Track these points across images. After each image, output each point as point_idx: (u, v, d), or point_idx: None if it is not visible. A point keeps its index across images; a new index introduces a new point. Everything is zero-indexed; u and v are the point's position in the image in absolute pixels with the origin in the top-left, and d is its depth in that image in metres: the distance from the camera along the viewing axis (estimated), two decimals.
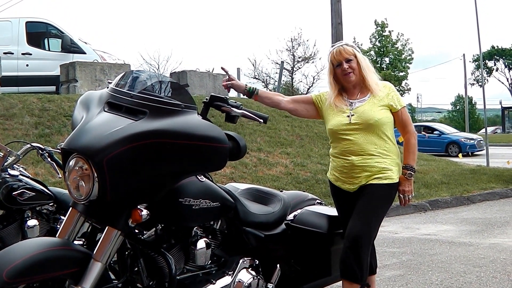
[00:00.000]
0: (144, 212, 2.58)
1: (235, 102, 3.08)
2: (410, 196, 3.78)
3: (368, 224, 3.57)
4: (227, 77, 3.80)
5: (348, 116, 3.70)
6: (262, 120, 3.10)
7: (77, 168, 2.48)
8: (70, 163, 2.52)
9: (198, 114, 2.75)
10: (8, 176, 4.25)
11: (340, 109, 3.75)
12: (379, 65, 50.16)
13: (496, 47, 66.44)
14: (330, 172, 3.91)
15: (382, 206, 3.69)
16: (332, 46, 3.88)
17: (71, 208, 2.67)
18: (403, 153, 3.80)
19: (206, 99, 3.10)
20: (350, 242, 3.52)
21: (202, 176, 2.99)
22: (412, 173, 3.76)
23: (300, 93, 39.38)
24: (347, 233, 3.57)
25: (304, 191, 4.43)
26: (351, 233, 3.54)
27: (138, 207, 2.58)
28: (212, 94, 3.15)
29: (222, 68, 3.85)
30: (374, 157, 3.65)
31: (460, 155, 20.32)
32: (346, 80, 3.77)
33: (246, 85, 3.86)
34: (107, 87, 2.81)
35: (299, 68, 40.21)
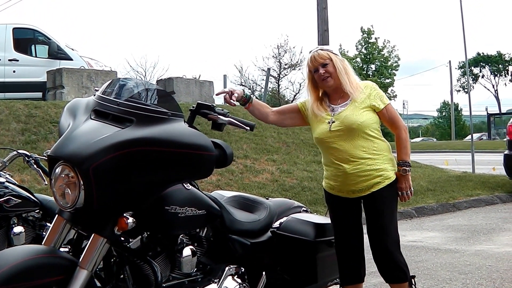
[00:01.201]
0: (130, 220, 2.58)
1: (222, 110, 3.08)
2: (408, 191, 3.74)
3: (388, 231, 3.70)
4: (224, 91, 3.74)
5: (329, 123, 3.68)
6: (248, 128, 3.10)
7: (63, 175, 2.49)
8: (56, 170, 2.52)
9: (184, 121, 2.76)
10: None
11: (321, 117, 3.74)
12: (365, 72, 50.41)
13: (481, 54, 66.98)
14: (324, 180, 3.89)
15: (392, 207, 3.76)
16: (309, 52, 3.84)
17: (57, 215, 2.66)
18: (396, 149, 3.79)
19: (193, 107, 3.11)
20: (380, 254, 3.71)
21: (188, 184, 3.00)
22: (407, 168, 3.71)
23: (286, 100, 39.45)
24: (374, 247, 3.72)
25: (290, 199, 4.44)
26: (378, 247, 3.70)
27: (124, 215, 2.58)
28: (199, 101, 3.16)
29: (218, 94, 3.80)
30: (364, 160, 3.63)
31: (446, 161, 20.35)
32: (324, 85, 3.75)
33: (243, 91, 3.83)
34: (94, 95, 2.82)
35: (286, 75, 40.24)
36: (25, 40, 15.30)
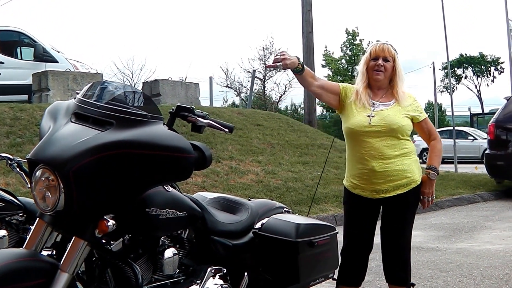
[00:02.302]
0: (111, 222, 2.59)
1: (201, 112, 3.08)
2: (430, 198, 3.78)
3: (404, 234, 3.77)
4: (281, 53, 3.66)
5: (368, 116, 3.67)
6: (227, 130, 3.09)
7: (44, 179, 2.50)
8: (37, 174, 2.53)
9: (164, 124, 2.79)
10: None
11: (363, 106, 3.72)
12: (350, 73, 50.35)
13: (464, 55, 67.20)
14: (346, 179, 3.89)
15: (413, 210, 3.81)
16: (377, 41, 3.91)
17: (38, 218, 2.67)
18: (428, 156, 3.85)
19: (173, 109, 3.11)
20: (390, 251, 3.76)
21: (169, 186, 3.02)
22: (436, 174, 3.75)
23: (272, 101, 39.50)
24: (386, 245, 3.78)
25: (272, 199, 4.47)
26: (389, 244, 3.76)
27: (105, 217, 2.59)
28: (179, 104, 3.15)
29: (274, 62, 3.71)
30: (394, 160, 3.65)
31: None
32: (373, 77, 3.76)
33: (299, 60, 3.71)
34: (75, 98, 2.84)
35: (271, 76, 40.33)
36: (11, 42, 15.26)
